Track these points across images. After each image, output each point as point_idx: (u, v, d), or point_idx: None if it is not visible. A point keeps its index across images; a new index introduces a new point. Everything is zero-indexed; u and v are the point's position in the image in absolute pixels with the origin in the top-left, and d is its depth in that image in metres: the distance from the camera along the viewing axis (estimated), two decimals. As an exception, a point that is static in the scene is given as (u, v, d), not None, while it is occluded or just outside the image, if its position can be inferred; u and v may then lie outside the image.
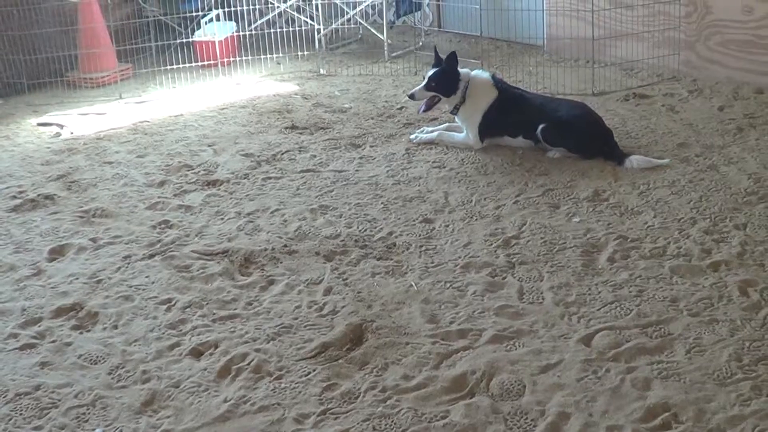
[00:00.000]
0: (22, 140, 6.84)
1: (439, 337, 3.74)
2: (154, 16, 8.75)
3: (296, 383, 3.51)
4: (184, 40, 8.46)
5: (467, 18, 8.24)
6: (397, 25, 8.44)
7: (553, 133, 5.50)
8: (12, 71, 8.15)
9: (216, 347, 3.80)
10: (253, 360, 3.67)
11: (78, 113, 7.41)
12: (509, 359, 3.54)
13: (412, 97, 5.88)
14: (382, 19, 8.17)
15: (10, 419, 3.46)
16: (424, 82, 5.83)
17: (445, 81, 5.74)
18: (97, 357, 3.82)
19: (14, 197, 5.64)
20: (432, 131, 5.98)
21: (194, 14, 8.42)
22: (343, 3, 8.29)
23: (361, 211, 4.99)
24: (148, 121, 6.98)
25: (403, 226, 4.76)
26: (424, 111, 5.96)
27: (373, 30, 8.30)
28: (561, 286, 4.07)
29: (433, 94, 5.80)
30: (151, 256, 4.66)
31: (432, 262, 4.35)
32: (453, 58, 5.77)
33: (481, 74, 5.83)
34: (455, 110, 5.79)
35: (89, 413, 3.45)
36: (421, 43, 8.32)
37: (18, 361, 3.85)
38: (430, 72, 5.82)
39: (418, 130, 6.07)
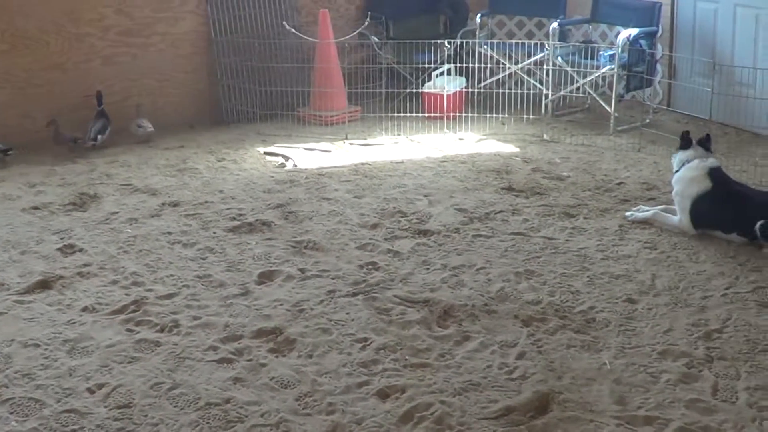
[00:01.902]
0: (248, 166, 7.27)
1: (625, 420, 3.71)
2: (387, 64, 9.08)
3: (476, 441, 3.58)
4: (414, 90, 8.73)
5: (697, 99, 8.12)
6: (625, 99, 8.40)
7: (773, 232, 5.35)
8: (247, 100, 8.66)
9: (403, 392, 3.92)
10: (436, 411, 3.77)
11: (304, 148, 7.79)
12: (696, 454, 3.48)
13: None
14: (612, 92, 8.17)
15: (198, 426, 3.70)
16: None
17: (687, 137, 5.87)
18: (288, 382, 4.03)
19: (234, 219, 6.02)
20: (648, 210, 5.93)
21: (427, 66, 8.67)
22: (574, 71, 8.35)
23: (565, 281, 5.01)
24: (369, 164, 7.26)
25: (606, 302, 4.76)
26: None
27: (601, 101, 8.31)
28: (758, 389, 3.94)
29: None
30: (355, 294, 4.86)
31: (629, 343, 4.33)
32: (706, 138, 5.86)
33: (701, 162, 5.72)
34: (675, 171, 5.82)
35: (272, 434, 3.65)
36: (648, 120, 8.25)
37: (213, 372, 4.12)
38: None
39: (635, 208, 6.04)
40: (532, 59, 8.79)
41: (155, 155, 7.62)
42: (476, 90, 8.60)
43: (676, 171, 5.79)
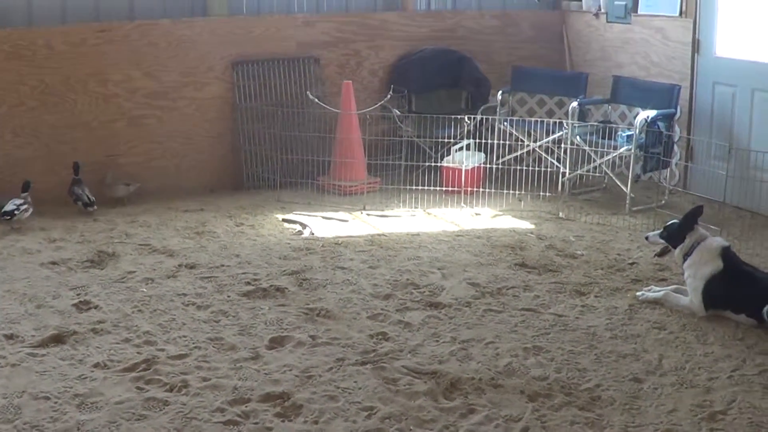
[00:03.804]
0: (266, 232, 7.39)
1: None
2: (408, 137, 9.22)
3: None
4: (433, 164, 8.85)
5: (713, 182, 8.21)
6: (642, 180, 8.49)
7: (781, 316, 5.41)
8: (267, 167, 8.81)
9: (406, 462, 3.98)
10: (439, 481, 3.82)
11: (322, 216, 7.91)
12: None
13: (647, 239, 6.27)
14: (629, 172, 8.27)
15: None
16: (659, 230, 6.16)
17: (675, 233, 5.96)
18: (294, 447, 4.10)
19: (248, 283, 6.12)
20: (659, 291, 5.99)
21: (447, 140, 8.80)
22: (592, 150, 8.46)
23: (573, 359, 5.06)
24: (385, 235, 7.36)
25: (612, 380, 4.80)
26: (656, 255, 6.27)
27: (617, 181, 8.40)
28: (761, 472, 3.98)
29: (663, 243, 6.04)
30: (363, 363, 4.92)
31: (633, 422, 4.36)
32: (693, 213, 5.95)
33: (714, 242, 5.82)
34: (683, 262, 5.87)
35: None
36: (663, 201, 8.33)
37: (220, 434, 4.19)
38: (669, 222, 6.09)
39: (646, 288, 6.10)
40: (551, 137, 8.90)
41: (175, 217, 7.76)
42: (495, 166, 8.72)
43: (686, 254, 5.84)
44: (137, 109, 8.45)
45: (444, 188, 8.63)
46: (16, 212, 7.30)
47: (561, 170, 8.71)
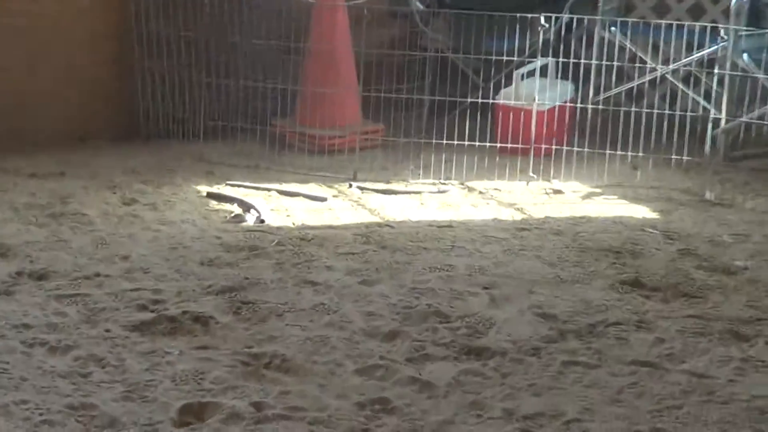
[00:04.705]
0: (177, 217, 7.43)
1: None
2: (437, 51, 9.23)
3: None
4: (480, 101, 8.87)
5: None
6: None
7: None
8: (184, 99, 8.85)
9: None
10: None
11: (278, 190, 7.94)
12: None
13: None
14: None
15: None
16: None
17: None
18: None
19: (144, 308, 6.16)
20: None
21: (507, 58, 8.81)
22: (767, 79, 8.47)
23: (724, 453, 5.11)
24: (390, 226, 7.41)
25: (791, 492, 4.85)
26: None
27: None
28: None
29: None
30: (349, 458, 4.97)
31: None
32: None
33: None
34: None
35: None
36: None
37: None
38: None
39: None
40: (697, 55, 8.92)
41: (13, 186, 7.78)
42: (591, 106, 8.73)
43: None
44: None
45: (498, 144, 8.65)
46: None
47: (712, 115, 8.72)
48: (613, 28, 9.13)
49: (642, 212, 7.80)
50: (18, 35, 8.72)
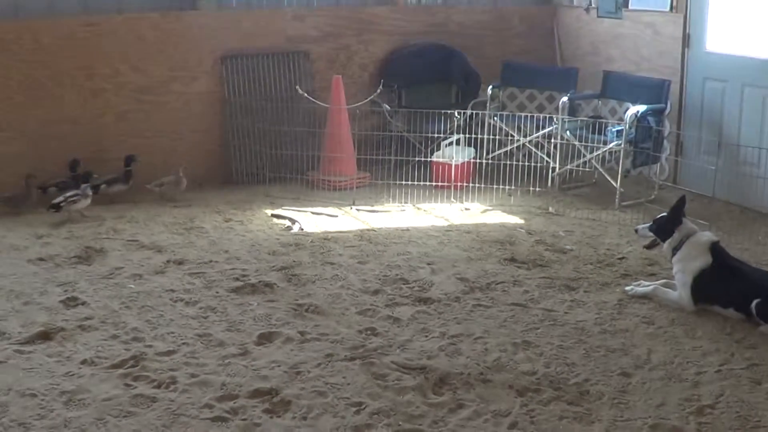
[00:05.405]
0: (254, 228, 7.40)
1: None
2: (398, 132, 9.22)
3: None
4: (423, 159, 8.85)
5: (703, 177, 8.25)
6: (632, 175, 8.53)
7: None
8: (256, 162, 8.81)
9: (395, 457, 4.00)
10: (427, 477, 3.83)
11: (311, 211, 7.92)
12: None
13: (636, 231, 6.34)
14: (619, 167, 8.29)
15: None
16: (649, 223, 6.17)
17: (664, 226, 6.00)
18: (282, 443, 4.10)
19: (237, 279, 6.13)
20: (648, 286, 6.02)
21: (436, 135, 8.80)
22: (582, 146, 8.47)
23: (561, 354, 5.08)
24: (374, 231, 7.37)
25: (600, 375, 4.82)
26: (645, 247, 6.30)
27: (607, 176, 8.41)
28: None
29: (652, 236, 6.08)
30: (352, 358, 4.94)
31: (621, 416, 4.38)
32: (678, 204, 5.97)
33: (702, 237, 5.87)
34: (672, 256, 5.90)
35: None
36: (653, 196, 8.35)
37: (208, 430, 4.19)
38: (659, 216, 6.12)
39: (635, 283, 6.13)
40: (541, 132, 8.92)
41: (163, 212, 7.76)
42: (484, 161, 8.73)
43: (675, 248, 5.88)
44: (125, 104, 8.43)
45: (434, 183, 8.63)
46: (62, 204, 7.43)
47: (551, 165, 8.74)
48: (495, 118, 9.11)
49: (515, 220, 7.78)
50: (172, 112, 8.71)
